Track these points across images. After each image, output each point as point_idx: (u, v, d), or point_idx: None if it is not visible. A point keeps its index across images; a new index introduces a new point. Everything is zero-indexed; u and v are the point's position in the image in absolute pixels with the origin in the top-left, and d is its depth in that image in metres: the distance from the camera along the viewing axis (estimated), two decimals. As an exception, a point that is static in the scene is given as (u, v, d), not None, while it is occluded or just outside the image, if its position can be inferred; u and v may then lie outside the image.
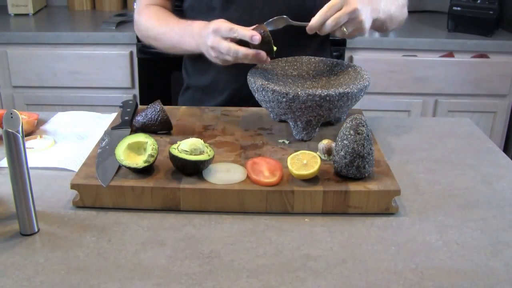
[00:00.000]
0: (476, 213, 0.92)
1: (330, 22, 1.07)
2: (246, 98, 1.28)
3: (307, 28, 1.11)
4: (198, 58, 1.23)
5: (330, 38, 1.43)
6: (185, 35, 1.22)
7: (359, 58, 2.33)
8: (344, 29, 1.09)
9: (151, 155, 0.93)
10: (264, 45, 1.08)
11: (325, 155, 1.00)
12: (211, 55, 1.13)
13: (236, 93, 1.34)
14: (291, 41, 1.27)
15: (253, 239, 0.84)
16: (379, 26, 1.25)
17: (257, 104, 1.21)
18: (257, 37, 1.06)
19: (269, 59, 1.11)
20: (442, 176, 1.05)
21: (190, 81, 1.45)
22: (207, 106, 1.36)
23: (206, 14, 1.28)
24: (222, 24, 1.09)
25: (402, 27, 1.38)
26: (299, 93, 1.00)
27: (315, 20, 1.09)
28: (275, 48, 1.11)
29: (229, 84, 1.34)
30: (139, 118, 1.10)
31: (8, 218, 0.88)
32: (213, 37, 1.10)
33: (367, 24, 1.11)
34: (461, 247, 0.83)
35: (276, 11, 1.23)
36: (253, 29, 1.09)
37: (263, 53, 1.08)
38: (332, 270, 0.77)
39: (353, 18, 1.08)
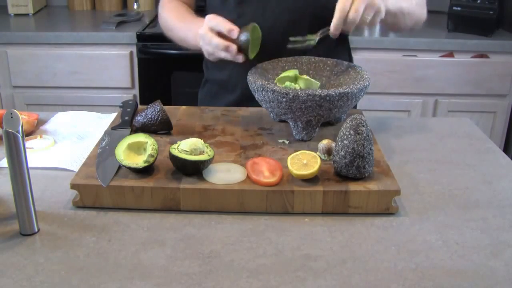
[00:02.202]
0: (476, 213, 0.92)
1: (352, 15, 1.07)
2: None
3: (331, 31, 1.10)
4: None
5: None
6: (190, 31, 1.25)
7: (359, 58, 2.32)
8: (366, 16, 1.09)
9: (151, 155, 0.93)
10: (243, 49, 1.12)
11: (325, 155, 1.00)
12: (202, 46, 1.17)
13: (248, 89, 1.36)
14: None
15: (253, 239, 0.84)
16: (391, 21, 1.24)
17: None
18: (233, 34, 1.10)
19: (240, 59, 1.13)
20: (442, 176, 1.05)
21: (209, 75, 1.48)
22: (225, 100, 1.39)
23: (221, 9, 1.30)
24: (214, 19, 1.13)
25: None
26: (299, 93, 1.00)
27: (336, 19, 1.08)
28: (253, 53, 1.14)
29: (241, 80, 1.35)
30: (139, 118, 1.10)
31: (8, 218, 0.88)
32: (204, 28, 1.14)
33: (382, 5, 1.11)
34: (461, 247, 0.83)
35: (289, 7, 1.24)
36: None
37: (233, 47, 1.10)
38: (332, 270, 0.77)
39: (369, 2, 1.07)
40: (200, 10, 1.40)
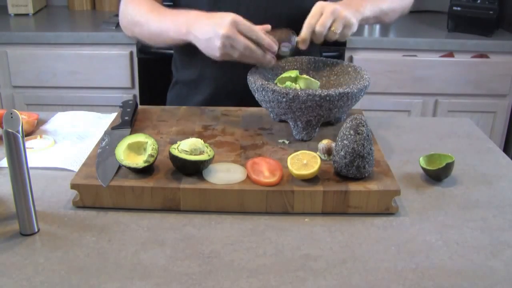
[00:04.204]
0: (476, 213, 0.92)
1: (318, 29, 1.12)
2: (232, 93, 1.32)
3: (299, 45, 1.14)
4: (187, 52, 1.23)
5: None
6: (171, 22, 1.18)
7: (359, 58, 2.33)
8: (333, 28, 1.13)
9: (151, 155, 0.93)
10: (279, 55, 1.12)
11: (325, 155, 1.00)
12: (216, 45, 1.06)
13: (222, 88, 1.35)
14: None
15: (253, 239, 0.84)
16: (374, 22, 1.29)
17: (244, 100, 1.25)
18: (274, 47, 1.09)
19: (273, 62, 1.12)
20: (442, 176, 1.05)
21: (179, 76, 1.45)
22: (193, 101, 1.38)
23: (192, 7, 1.27)
24: (241, 19, 1.06)
25: (403, 26, 1.39)
26: (299, 93, 1.00)
27: (303, 33, 1.13)
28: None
29: (215, 79, 1.34)
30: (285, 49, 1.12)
31: (8, 218, 0.88)
32: (231, 28, 1.04)
33: (353, 19, 1.14)
34: (461, 247, 0.83)
35: (264, 7, 1.24)
36: (280, 33, 1.12)
37: (274, 61, 1.11)
38: (332, 270, 0.77)
39: (337, 16, 1.12)
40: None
